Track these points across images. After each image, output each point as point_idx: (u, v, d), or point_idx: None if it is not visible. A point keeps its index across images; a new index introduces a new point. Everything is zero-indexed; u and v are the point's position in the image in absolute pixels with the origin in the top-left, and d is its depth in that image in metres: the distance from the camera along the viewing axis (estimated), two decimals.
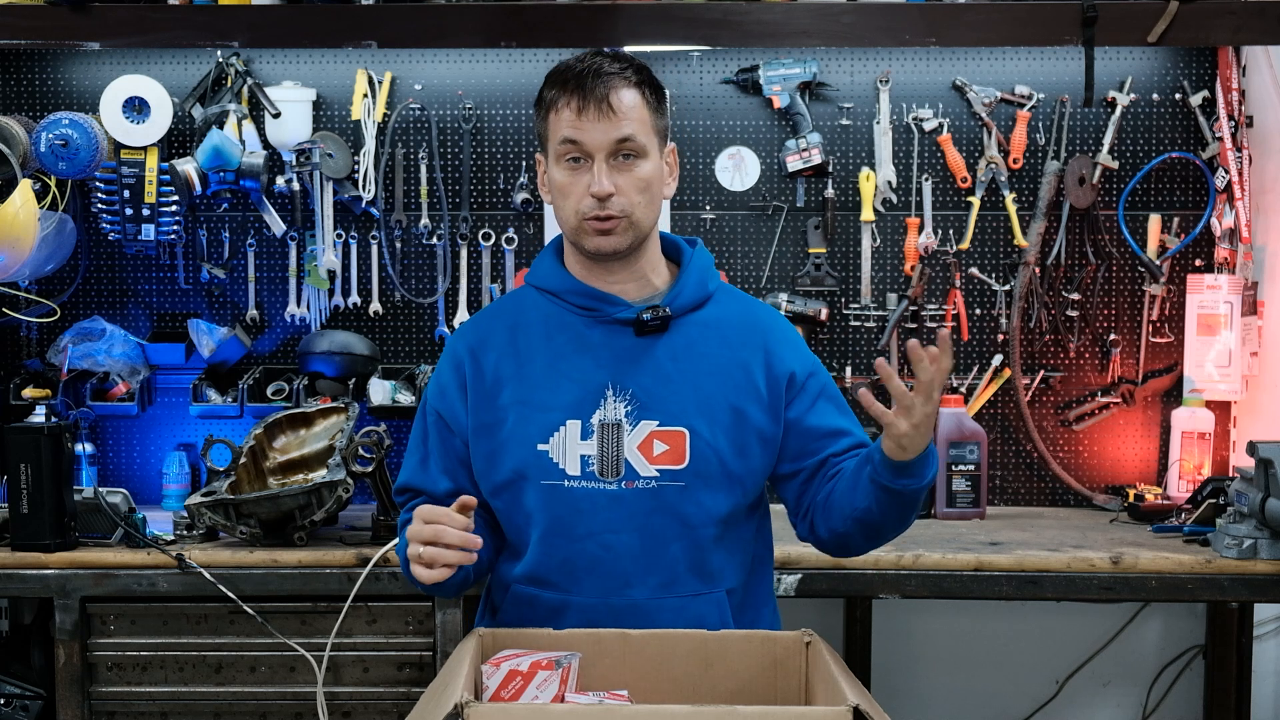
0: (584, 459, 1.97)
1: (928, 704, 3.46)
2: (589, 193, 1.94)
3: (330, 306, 3.33)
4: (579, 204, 1.96)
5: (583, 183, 1.95)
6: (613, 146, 1.95)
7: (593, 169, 1.95)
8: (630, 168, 1.96)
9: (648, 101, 1.98)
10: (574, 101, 1.94)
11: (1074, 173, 3.27)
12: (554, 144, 1.97)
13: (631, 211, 1.96)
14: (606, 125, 1.94)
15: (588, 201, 1.95)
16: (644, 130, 1.97)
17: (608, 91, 1.94)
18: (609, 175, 1.94)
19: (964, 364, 3.35)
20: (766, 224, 3.35)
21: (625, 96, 1.95)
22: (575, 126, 1.94)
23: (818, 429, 2.04)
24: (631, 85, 1.96)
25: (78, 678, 2.68)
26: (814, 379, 2.07)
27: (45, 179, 3.07)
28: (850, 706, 1.55)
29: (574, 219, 1.98)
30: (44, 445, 2.67)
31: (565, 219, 2.00)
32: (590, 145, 1.94)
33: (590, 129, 1.94)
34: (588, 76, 1.94)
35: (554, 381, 2.00)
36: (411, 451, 2.10)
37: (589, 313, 2.02)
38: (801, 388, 2.05)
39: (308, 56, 3.30)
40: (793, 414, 2.04)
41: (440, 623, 2.67)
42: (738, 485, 2.01)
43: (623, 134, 1.94)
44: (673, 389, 1.99)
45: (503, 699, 1.75)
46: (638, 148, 1.96)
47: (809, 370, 2.07)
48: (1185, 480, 3.19)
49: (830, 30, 2.87)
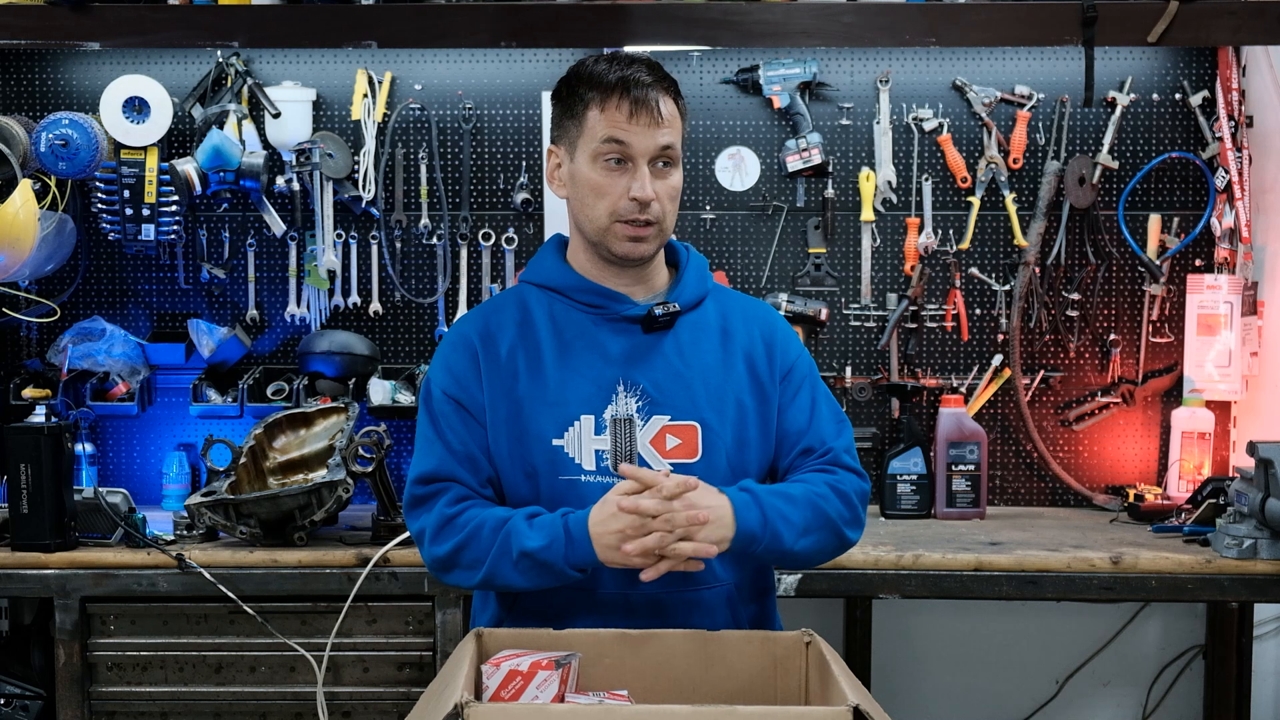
0: (598, 454, 1.98)
1: (928, 704, 3.46)
2: (630, 196, 1.96)
3: (330, 306, 3.33)
4: (615, 204, 1.97)
5: (621, 184, 1.97)
6: (656, 152, 1.98)
7: (633, 172, 1.97)
8: (666, 175, 2.00)
9: (681, 112, 2.03)
10: (625, 105, 1.96)
11: (1074, 173, 3.27)
12: (593, 142, 1.98)
13: (664, 219, 2.00)
14: (655, 131, 1.96)
15: (625, 204, 1.97)
16: (679, 140, 2.01)
17: (657, 99, 1.97)
18: (651, 181, 1.97)
19: (964, 364, 3.35)
20: (766, 224, 3.35)
21: (668, 106, 1.99)
22: (624, 129, 1.96)
23: (786, 430, 2.07)
24: (670, 96, 2.01)
25: (78, 678, 2.68)
26: (796, 371, 2.09)
27: (45, 179, 3.07)
28: (850, 706, 1.55)
29: (606, 219, 1.99)
30: (44, 445, 2.67)
31: (595, 218, 2.00)
32: (637, 149, 1.96)
33: (640, 133, 1.96)
34: (634, 83, 1.96)
35: (565, 377, 2.00)
36: (430, 440, 2.02)
37: (597, 310, 2.03)
38: (787, 378, 2.08)
39: (308, 56, 3.30)
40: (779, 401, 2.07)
41: (440, 623, 2.68)
42: (746, 478, 2.02)
43: (667, 141, 1.98)
44: (682, 384, 2.01)
45: (503, 699, 1.75)
46: (675, 156, 2.00)
47: (794, 362, 2.10)
48: (1185, 480, 3.19)
49: (830, 30, 2.87)
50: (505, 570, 1.92)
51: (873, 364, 3.35)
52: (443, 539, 1.97)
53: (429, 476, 2.01)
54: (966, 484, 3.16)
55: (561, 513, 1.92)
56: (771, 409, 2.05)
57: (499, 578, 1.93)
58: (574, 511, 1.91)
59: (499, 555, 1.92)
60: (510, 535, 1.91)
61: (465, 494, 2.00)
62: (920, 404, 3.30)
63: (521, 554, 1.90)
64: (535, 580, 1.92)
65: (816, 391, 2.10)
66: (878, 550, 2.68)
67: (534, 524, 1.92)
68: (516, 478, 2.00)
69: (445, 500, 1.99)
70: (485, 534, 1.93)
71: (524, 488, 2.00)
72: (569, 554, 1.88)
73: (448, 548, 1.96)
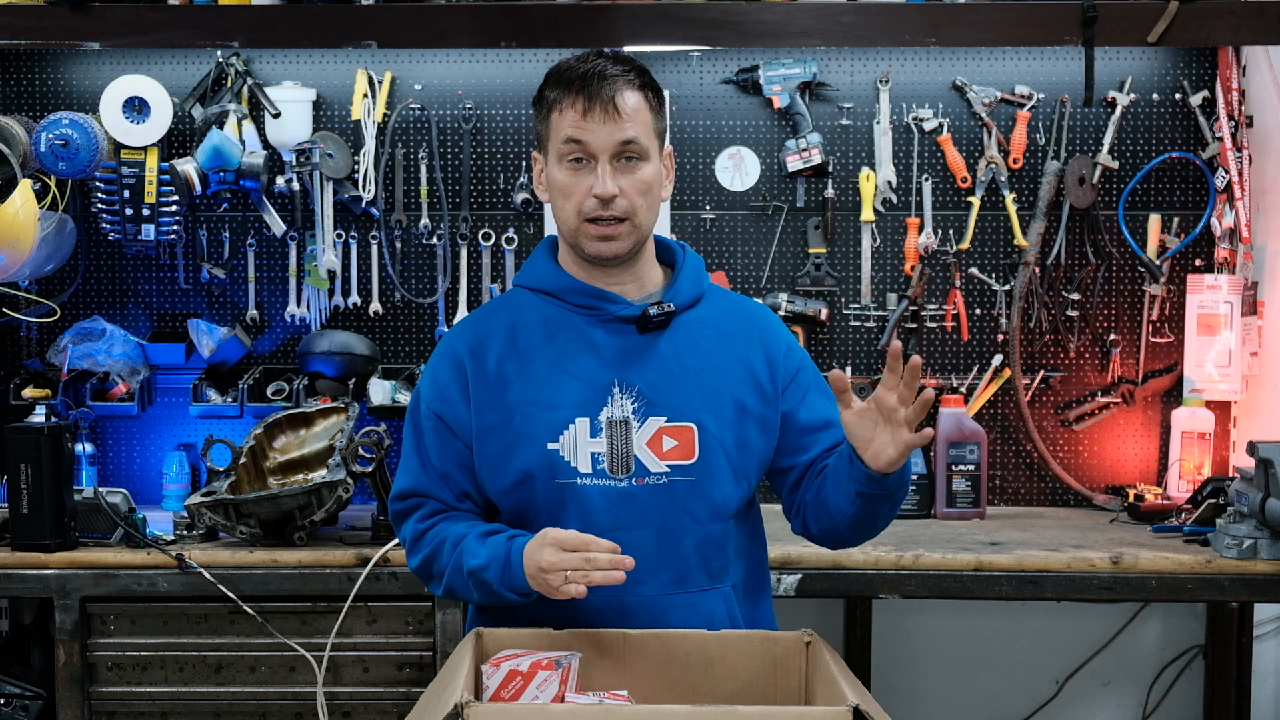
0: (594, 456, 1.97)
1: (928, 704, 3.46)
2: (592, 194, 1.95)
3: (330, 306, 3.33)
4: (580, 204, 1.96)
5: (585, 183, 1.95)
6: (617, 148, 1.95)
7: (596, 170, 1.95)
8: (632, 170, 1.97)
9: (650, 104, 1.99)
10: (579, 102, 1.94)
11: (1074, 173, 3.27)
12: (556, 143, 1.97)
13: (634, 214, 1.97)
14: (611, 127, 1.94)
15: (590, 202, 1.95)
16: (646, 133, 1.97)
17: (614, 93, 1.94)
18: (613, 177, 1.95)
19: (964, 364, 3.35)
20: (766, 224, 3.35)
21: (629, 99, 1.95)
22: (580, 127, 1.94)
23: (809, 423, 2.05)
24: (635, 88, 1.97)
25: (78, 678, 2.68)
26: (803, 372, 2.09)
27: (45, 179, 3.07)
28: (850, 706, 1.55)
29: (574, 219, 1.98)
30: (44, 445, 2.67)
31: (565, 219, 1.99)
32: (594, 146, 1.94)
33: (595, 130, 1.94)
34: (593, 78, 1.94)
35: (559, 380, 1.99)
36: (409, 455, 2.07)
37: (590, 311, 2.02)
38: (794, 380, 2.07)
39: (308, 56, 3.30)
40: (786, 407, 2.06)
41: (440, 623, 2.68)
42: (744, 479, 2.02)
43: (627, 136, 1.95)
44: (678, 385, 2.00)
45: (503, 699, 1.75)
46: (640, 150, 1.97)
47: (799, 363, 2.10)
48: (1185, 480, 3.19)
49: (830, 30, 2.87)
50: (460, 585, 1.96)
51: (873, 364, 3.35)
52: (415, 552, 2.03)
53: (405, 493, 2.06)
54: (966, 484, 3.16)
55: (509, 535, 1.93)
56: (772, 410, 2.04)
57: (458, 592, 1.98)
58: (522, 535, 1.91)
59: (454, 571, 1.96)
60: (462, 553, 1.94)
61: (439, 508, 2.03)
62: None
63: (469, 572, 1.92)
64: (485, 598, 1.93)
65: (821, 381, 2.11)
66: (878, 550, 2.68)
67: (485, 542, 1.94)
68: (507, 485, 2.00)
69: (418, 515, 2.04)
70: (446, 549, 1.98)
71: (517, 494, 2.00)
72: (504, 577, 1.89)
73: (419, 560, 2.02)
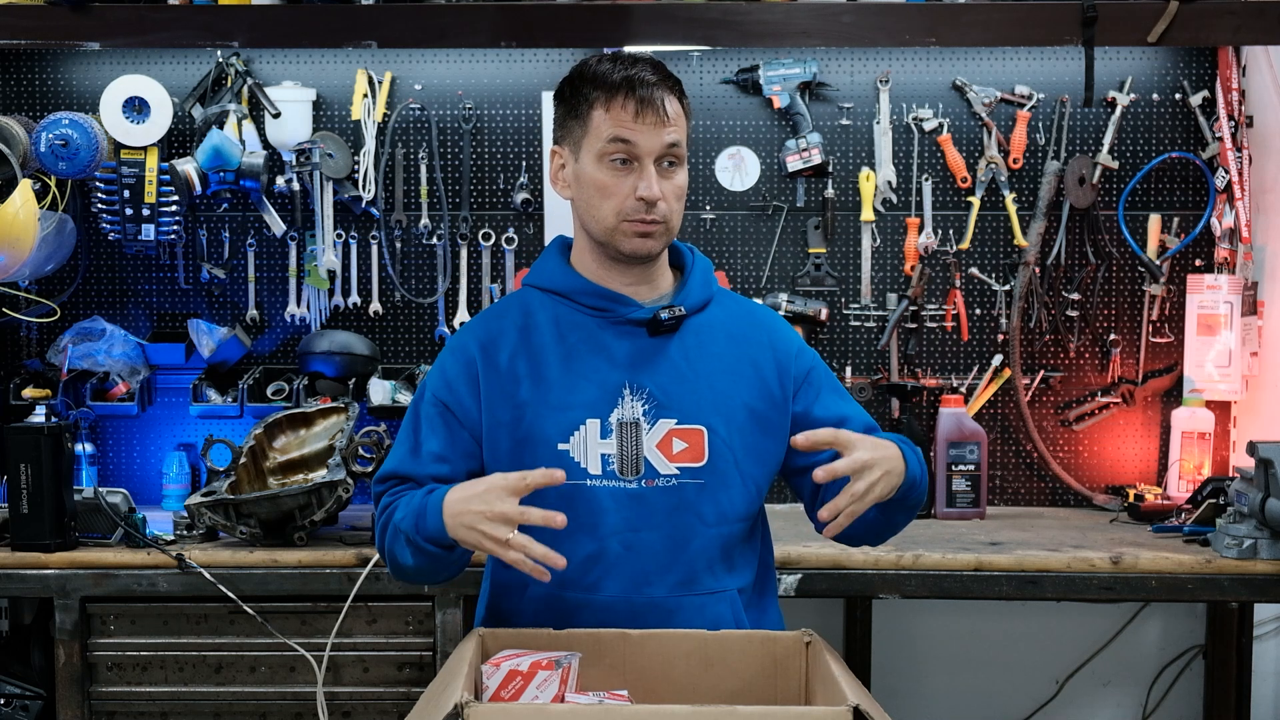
0: (604, 458, 1.98)
1: (928, 704, 3.46)
2: (636, 195, 1.96)
3: (330, 306, 3.33)
4: (622, 205, 1.97)
5: (628, 184, 1.97)
6: (663, 150, 1.97)
7: (640, 172, 1.96)
8: (672, 174, 2.00)
9: (686, 112, 2.03)
10: (630, 104, 1.95)
11: (1074, 173, 3.27)
12: (597, 142, 1.98)
13: (670, 218, 2.00)
14: (660, 130, 1.96)
15: (632, 203, 1.96)
16: (684, 139, 2.01)
17: (663, 98, 1.97)
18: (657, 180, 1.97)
19: (964, 364, 3.35)
20: (766, 224, 3.35)
21: (673, 105, 1.99)
22: (630, 128, 1.95)
23: (825, 421, 2.05)
24: (675, 95, 2.00)
25: (78, 678, 2.68)
26: (815, 371, 2.11)
27: (45, 179, 3.07)
28: (850, 706, 1.55)
29: (613, 219, 1.98)
30: (44, 445, 2.67)
31: (602, 218, 1.99)
32: (643, 148, 1.96)
33: (645, 132, 1.95)
34: (639, 82, 1.96)
35: (570, 381, 2.00)
36: (400, 442, 2.06)
37: (602, 313, 2.03)
38: (806, 381, 2.09)
39: (308, 56, 3.30)
40: (800, 407, 2.07)
41: (440, 623, 2.68)
42: (752, 482, 2.03)
43: (673, 140, 1.98)
44: (689, 388, 2.01)
45: (503, 699, 1.75)
46: (681, 155, 2.00)
47: (811, 363, 2.12)
48: (1185, 480, 3.19)
49: (830, 30, 2.87)
50: (395, 545, 1.95)
51: (873, 364, 3.35)
52: (378, 531, 2.02)
53: (385, 475, 2.06)
54: (966, 484, 3.16)
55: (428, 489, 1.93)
56: (782, 414, 2.06)
57: (397, 555, 1.95)
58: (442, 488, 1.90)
59: (393, 533, 1.95)
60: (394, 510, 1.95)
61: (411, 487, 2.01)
62: (920, 404, 3.31)
63: (395, 527, 1.93)
64: (413, 557, 1.92)
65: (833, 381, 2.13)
66: (878, 550, 2.68)
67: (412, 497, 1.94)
68: None
69: (390, 494, 2.03)
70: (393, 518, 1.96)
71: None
72: (419, 525, 1.88)
73: (378, 537, 2.01)
